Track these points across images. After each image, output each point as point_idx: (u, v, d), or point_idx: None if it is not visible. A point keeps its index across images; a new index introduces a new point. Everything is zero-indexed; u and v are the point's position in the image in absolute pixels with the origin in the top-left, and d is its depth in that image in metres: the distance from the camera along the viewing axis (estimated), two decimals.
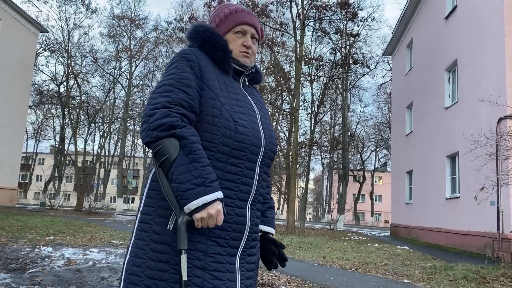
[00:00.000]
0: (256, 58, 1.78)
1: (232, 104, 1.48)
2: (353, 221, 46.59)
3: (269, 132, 1.57)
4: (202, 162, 1.33)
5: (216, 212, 1.31)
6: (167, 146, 1.33)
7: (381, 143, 40.50)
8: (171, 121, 1.34)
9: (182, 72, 1.45)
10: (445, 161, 13.79)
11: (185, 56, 1.49)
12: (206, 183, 1.31)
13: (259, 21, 1.55)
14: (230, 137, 1.43)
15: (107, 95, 34.44)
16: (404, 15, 19.14)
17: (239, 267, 1.46)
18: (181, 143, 1.33)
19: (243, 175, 1.46)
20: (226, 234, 1.42)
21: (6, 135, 22.08)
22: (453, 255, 10.74)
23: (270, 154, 1.56)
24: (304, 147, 23.51)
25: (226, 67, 1.55)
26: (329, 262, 7.97)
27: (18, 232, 9.26)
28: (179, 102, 1.39)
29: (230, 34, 1.61)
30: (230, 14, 1.62)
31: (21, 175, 43.00)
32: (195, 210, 1.30)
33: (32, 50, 25.08)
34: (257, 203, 1.55)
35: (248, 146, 1.46)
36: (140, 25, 32.48)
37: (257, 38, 1.67)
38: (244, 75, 1.63)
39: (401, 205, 19.41)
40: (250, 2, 18.88)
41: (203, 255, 1.38)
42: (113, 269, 5.65)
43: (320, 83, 25.51)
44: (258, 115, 1.56)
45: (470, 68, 12.22)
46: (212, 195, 1.30)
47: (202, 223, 1.32)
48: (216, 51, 1.53)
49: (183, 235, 1.32)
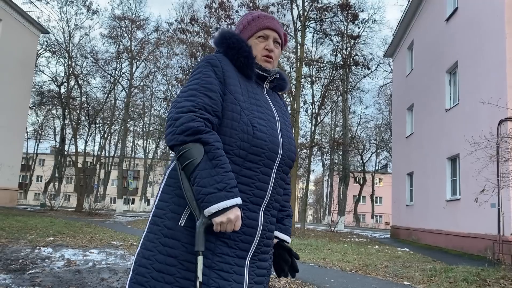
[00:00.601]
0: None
1: (252, 109, 1.51)
2: (353, 223, 46.58)
3: (288, 139, 1.59)
4: (225, 168, 1.37)
5: (236, 217, 1.35)
6: (192, 150, 1.38)
7: (381, 145, 40.49)
8: (196, 126, 1.38)
9: (207, 77, 1.49)
10: (445, 163, 13.78)
11: (210, 61, 1.54)
12: (227, 188, 1.35)
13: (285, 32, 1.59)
14: (247, 141, 1.45)
15: (108, 96, 34.48)
16: (405, 17, 19.15)
17: (248, 271, 1.47)
18: (205, 148, 1.38)
19: (258, 180, 1.48)
20: (236, 236, 1.44)
21: (7, 135, 22.09)
22: (454, 257, 10.72)
23: (288, 161, 1.58)
24: (304, 149, 23.53)
25: (249, 73, 1.59)
26: (329, 264, 7.96)
27: (18, 233, 9.25)
28: (203, 107, 1.43)
29: (252, 39, 1.65)
30: (252, 20, 1.67)
31: (21, 176, 43.00)
32: (215, 214, 1.33)
33: (33, 50, 25.10)
34: (272, 209, 1.56)
35: (264, 151, 1.48)
36: (141, 26, 32.52)
37: (280, 43, 1.71)
38: (268, 81, 1.66)
39: (401, 207, 19.40)
40: (251, 4, 18.89)
41: (211, 254, 1.40)
42: (113, 270, 5.65)
43: (321, 84, 25.57)
44: (278, 121, 1.59)
45: (471, 70, 12.22)
46: (232, 201, 1.34)
47: (221, 227, 1.35)
48: (240, 57, 1.57)
49: (201, 237, 1.36)
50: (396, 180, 20.94)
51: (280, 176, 1.56)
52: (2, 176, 21.88)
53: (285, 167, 1.58)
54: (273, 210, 1.56)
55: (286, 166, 1.58)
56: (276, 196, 1.56)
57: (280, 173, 1.55)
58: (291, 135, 1.64)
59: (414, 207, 17.28)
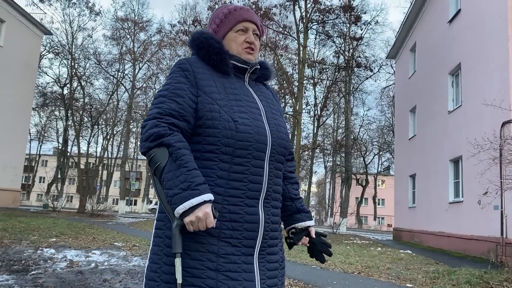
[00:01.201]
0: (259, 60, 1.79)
1: (231, 105, 1.49)
2: (355, 225, 46.47)
3: (276, 127, 1.57)
4: (187, 167, 1.36)
5: (204, 214, 1.32)
6: (157, 154, 1.39)
7: (384, 147, 40.41)
8: (157, 131, 1.40)
9: (176, 82, 1.51)
10: (448, 165, 13.75)
11: (180, 66, 1.54)
12: (192, 186, 1.33)
13: (263, 24, 1.58)
14: (232, 137, 1.44)
15: (111, 97, 34.57)
16: (408, 19, 19.14)
17: (258, 267, 1.46)
18: (169, 150, 1.38)
19: (251, 173, 1.46)
20: (238, 234, 1.43)
21: (10, 136, 22.15)
22: (456, 259, 10.69)
23: (280, 149, 1.55)
24: (306, 150, 23.53)
25: (225, 69, 1.57)
26: (331, 265, 7.95)
27: (20, 234, 9.27)
28: (169, 112, 1.44)
29: (231, 33, 1.63)
30: (229, 13, 1.64)
31: (24, 177, 43.12)
32: (183, 214, 1.32)
33: (36, 52, 25.18)
34: (272, 200, 1.54)
35: (252, 144, 1.46)
36: (144, 28, 32.62)
37: (258, 34, 1.69)
38: (248, 72, 1.64)
39: (404, 209, 19.35)
40: (253, 6, 18.93)
41: (215, 256, 1.39)
42: (115, 271, 5.65)
43: (323, 86, 25.58)
44: (263, 112, 1.56)
45: (474, 72, 12.19)
46: (198, 198, 1.32)
47: (192, 227, 1.33)
48: (211, 55, 1.56)
49: (177, 239, 1.35)
50: (399, 182, 20.90)
51: (274, 166, 1.54)
52: (5, 177, 21.94)
53: (278, 156, 1.55)
54: (273, 201, 1.54)
55: (279, 154, 1.56)
56: (274, 186, 1.54)
57: (273, 162, 1.53)
58: (280, 123, 1.61)
59: (417, 209, 17.24)
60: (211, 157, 1.45)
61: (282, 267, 1.58)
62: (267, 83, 1.80)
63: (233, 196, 1.44)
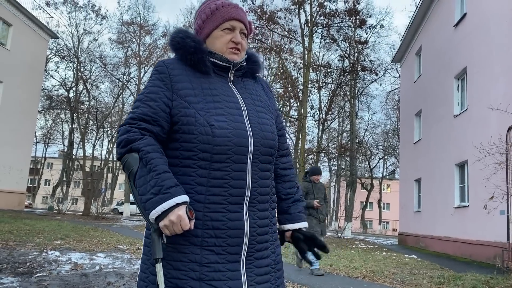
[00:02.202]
0: (264, 65, 1.74)
1: (208, 107, 1.43)
2: (360, 229, 46.30)
3: (259, 126, 1.49)
4: (157, 171, 1.33)
5: (177, 217, 1.29)
6: (129, 160, 1.37)
7: (389, 151, 40.29)
8: (127, 137, 1.39)
9: (151, 86, 1.48)
10: (454, 169, 13.68)
11: (157, 69, 1.51)
12: (162, 190, 1.30)
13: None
14: (208, 142, 1.39)
15: (116, 100, 34.70)
16: (413, 23, 19.11)
17: (246, 273, 1.41)
18: (139, 155, 1.36)
19: (231, 178, 1.41)
20: (221, 241, 1.38)
21: (16, 139, 22.28)
22: (462, 264, 10.62)
23: (264, 149, 1.48)
24: (311, 154, 23.49)
25: (203, 68, 1.51)
26: (336, 270, 7.91)
27: (26, 236, 9.31)
28: (141, 117, 1.43)
29: (217, 31, 1.55)
30: (216, 9, 1.55)
31: (30, 179, 43.32)
32: (157, 219, 1.30)
33: (42, 55, 25.35)
34: (258, 203, 1.47)
35: (230, 147, 1.40)
36: (149, 32, 32.75)
37: (246, 34, 1.61)
38: (232, 71, 1.56)
39: (409, 213, 19.26)
40: (258, 9, 18.96)
41: (198, 265, 1.36)
42: (119, 274, 5.66)
43: (328, 89, 25.55)
44: (244, 111, 1.49)
45: (480, 76, 12.14)
46: (169, 202, 1.29)
47: (168, 231, 1.30)
48: (187, 55, 1.51)
49: (157, 244, 1.32)
50: (404, 186, 20.81)
51: (259, 167, 1.47)
52: (11, 179, 22.06)
53: (264, 156, 1.48)
54: (260, 204, 1.48)
55: (265, 155, 1.49)
56: (260, 188, 1.47)
57: (258, 164, 1.46)
58: (265, 120, 1.53)
59: (422, 213, 17.15)
60: (189, 164, 1.41)
61: (276, 270, 1.51)
62: (258, 76, 1.71)
63: (214, 202, 1.39)
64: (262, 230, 1.48)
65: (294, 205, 1.65)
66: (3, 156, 21.32)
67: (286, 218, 1.63)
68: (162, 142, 1.45)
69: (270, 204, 1.54)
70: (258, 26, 19.79)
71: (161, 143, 1.44)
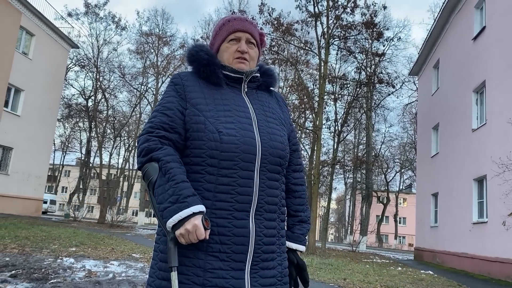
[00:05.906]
0: (280, 76, 1.77)
1: (218, 115, 1.48)
2: (376, 243, 45.62)
3: (269, 135, 1.52)
4: (175, 180, 1.37)
5: (193, 227, 1.32)
6: (149, 169, 1.42)
7: (406, 164, 39.79)
8: (148, 146, 1.44)
9: (167, 96, 1.55)
10: (472, 184, 13.43)
11: (173, 80, 1.59)
12: (180, 199, 1.33)
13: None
14: (216, 148, 1.43)
15: (133, 110, 35.15)
16: (431, 36, 18.99)
17: (251, 283, 1.40)
18: (158, 165, 1.40)
19: (238, 185, 1.42)
20: (226, 248, 1.39)
21: (35, 147, 22.70)
22: (480, 282, 10.36)
23: (272, 159, 1.50)
24: (326, 166, 23.34)
25: (215, 80, 1.58)
26: (350, 284, 7.80)
27: (42, 242, 9.42)
28: (160, 126, 1.48)
29: (224, 44, 1.64)
30: (223, 24, 1.65)
31: (47, 187, 43.95)
32: (174, 227, 1.33)
33: (63, 65, 25.89)
34: (265, 212, 1.47)
35: (238, 154, 1.43)
36: (167, 42, 33.21)
37: (255, 43, 1.67)
38: (244, 81, 1.61)
39: (425, 228, 18.94)
40: (275, 21, 19.07)
41: (202, 271, 1.37)
42: (132, 283, 5.67)
43: (344, 101, 25.42)
44: (254, 120, 1.52)
45: (499, 90, 11.97)
46: (186, 211, 1.32)
47: (184, 239, 1.33)
48: (200, 67, 1.59)
49: (173, 252, 1.35)
50: (421, 200, 20.51)
51: (267, 176, 1.48)
52: (29, 186, 22.43)
53: (271, 166, 1.50)
54: (267, 213, 1.48)
55: (272, 164, 1.50)
56: (267, 197, 1.48)
57: (266, 172, 1.48)
58: (275, 131, 1.56)
59: (439, 228, 16.84)
60: (197, 170, 1.44)
61: (282, 283, 1.50)
62: (273, 90, 1.77)
63: (220, 208, 1.41)
64: (269, 240, 1.48)
65: (299, 225, 1.67)
66: (23, 163, 21.72)
67: (287, 235, 1.63)
68: (180, 150, 1.49)
69: (279, 215, 1.55)
70: (275, 38, 19.90)
71: (179, 151, 1.48)
